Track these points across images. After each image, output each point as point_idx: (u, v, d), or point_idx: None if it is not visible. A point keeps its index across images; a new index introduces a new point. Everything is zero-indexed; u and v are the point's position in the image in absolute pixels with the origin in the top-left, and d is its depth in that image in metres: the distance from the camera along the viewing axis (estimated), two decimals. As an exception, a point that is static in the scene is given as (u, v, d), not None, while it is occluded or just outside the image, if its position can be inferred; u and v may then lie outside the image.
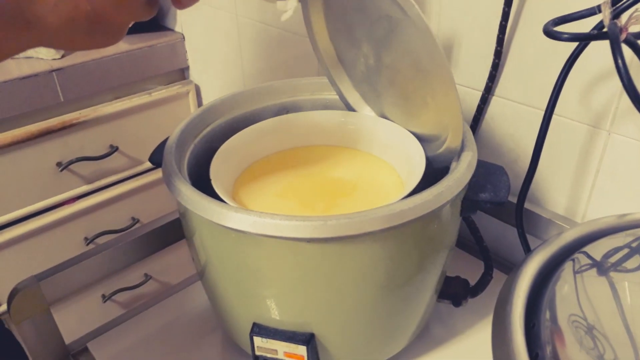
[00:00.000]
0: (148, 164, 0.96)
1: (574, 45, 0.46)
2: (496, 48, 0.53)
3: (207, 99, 1.06)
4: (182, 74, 1.05)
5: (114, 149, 0.96)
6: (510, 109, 0.56)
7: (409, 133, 0.47)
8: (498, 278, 0.49)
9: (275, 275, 0.39)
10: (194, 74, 1.05)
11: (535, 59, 0.52)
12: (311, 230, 0.34)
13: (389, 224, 0.35)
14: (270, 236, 0.35)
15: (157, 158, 0.46)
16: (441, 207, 0.37)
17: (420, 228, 0.38)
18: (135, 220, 1.06)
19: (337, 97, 0.52)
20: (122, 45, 0.94)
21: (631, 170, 0.49)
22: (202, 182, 0.44)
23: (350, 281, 0.39)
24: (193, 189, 0.39)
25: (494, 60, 0.54)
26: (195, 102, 1.05)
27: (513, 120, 0.56)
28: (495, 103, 0.57)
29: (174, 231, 0.55)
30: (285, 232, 0.35)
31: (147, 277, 1.07)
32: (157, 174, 1.05)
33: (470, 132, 0.44)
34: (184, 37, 1.01)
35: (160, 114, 1.01)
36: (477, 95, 0.58)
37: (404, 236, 0.38)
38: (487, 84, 0.56)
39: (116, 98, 0.96)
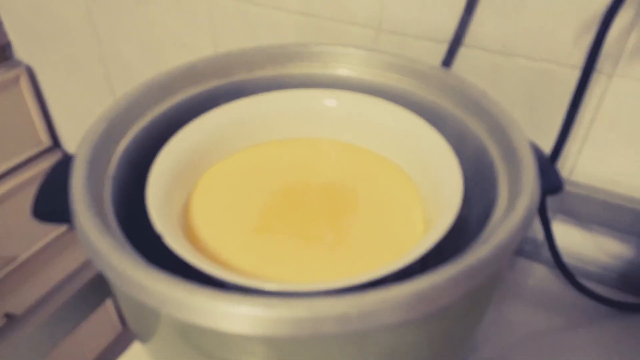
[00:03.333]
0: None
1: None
2: (473, -14, 0.44)
3: (49, 83, 0.82)
4: (2, 53, 0.80)
5: None
6: (487, 61, 0.48)
7: (423, 122, 0.36)
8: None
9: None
10: (22, 52, 0.80)
11: (520, -3, 0.44)
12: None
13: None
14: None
15: (49, 208, 0.30)
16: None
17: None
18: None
19: (316, 72, 0.39)
20: None
21: (634, 117, 0.45)
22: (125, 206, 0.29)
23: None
24: (144, 264, 0.24)
25: (467, 1, 0.45)
26: (30, 90, 0.81)
27: (491, 75, 0.49)
28: (466, 56, 0.49)
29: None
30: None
31: (10, 318, 0.84)
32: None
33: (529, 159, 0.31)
34: (-4, 3, 0.75)
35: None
36: (441, 49, 0.49)
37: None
38: (456, 33, 0.47)
39: None
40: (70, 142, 0.90)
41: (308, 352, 0.24)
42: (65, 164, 0.33)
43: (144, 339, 0.30)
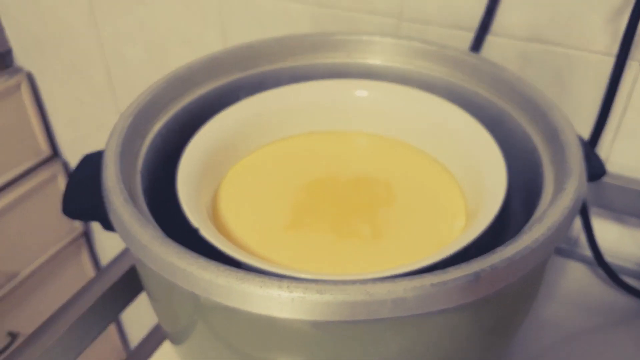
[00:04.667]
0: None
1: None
2: (499, -28, 0.45)
3: (49, 90, 0.83)
4: (2, 60, 0.80)
5: None
6: (515, 49, 0.49)
7: (460, 109, 0.37)
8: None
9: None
10: (22, 59, 0.81)
11: (549, -19, 0.45)
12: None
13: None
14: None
15: (79, 204, 0.30)
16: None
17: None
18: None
19: (344, 61, 0.39)
20: None
21: (669, 103, 0.46)
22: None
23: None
24: (189, 252, 0.24)
25: (494, -12, 0.46)
26: (31, 97, 0.81)
27: (518, 63, 0.49)
28: (493, 44, 0.49)
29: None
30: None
31: (14, 336, 0.84)
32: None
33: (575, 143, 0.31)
34: (-5, 7, 0.76)
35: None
36: (466, 37, 0.50)
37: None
38: (483, 19, 0.48)
39: None
40: (70, 150, 0.90)
41: (360, 338, 0.24)
42: (89, 161, 0.33)
43: (179, 339, 0.30)
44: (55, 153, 0.89)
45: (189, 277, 0.23)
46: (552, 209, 0.26)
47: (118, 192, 0.27)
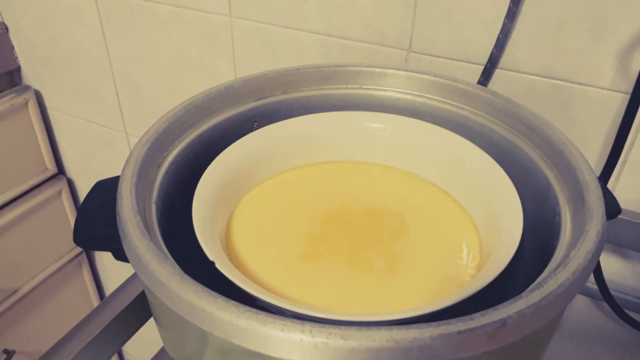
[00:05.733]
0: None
1: None
2: (510, 7, 0.45)
3: (56, 107, 0.82)
4: (11, 78, 0.79)
5: None
6: (522, 83, 0.48)
7: (473, 145, 0.36)
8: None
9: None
10: (30, 77, 0.80)
11: (557, 19, 0.44)
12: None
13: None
14: None
15: (92, 233, 0.29)
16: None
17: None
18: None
19: (357, 92, 0.39)
20: None
21: (675, 140, 0.45)
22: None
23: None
24: (208, 291, 0.23)
25: (504, 23, 0.46)
26: (38, 115, 0.80)
27: (525, 96, 0.49)
28: (501, 78, 0.49)
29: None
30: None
31: (10, 354, 0.82)
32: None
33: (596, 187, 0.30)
34: (7, 28, 0.75)
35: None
36: (474, 69, 0.49)
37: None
38: (492, 54, 0.47)
39: None
40: (75, 169, 0.89)
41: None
42: (101, 188, 0.32)
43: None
44: (60, 171, 0.88)
45: (207, 317, 0.22)
46: (576, 253, 0.25)
47: (134, 225, 0.25)
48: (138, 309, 0.39)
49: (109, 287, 1.02)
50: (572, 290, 0.24)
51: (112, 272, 0.98)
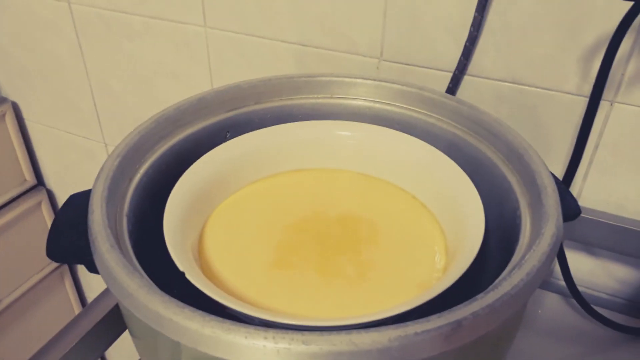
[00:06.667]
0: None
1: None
2: (475, 16, 0.46)
3: (34, 118, 0.82)
4: (-13, 90, 0.79)
5: None
6: (490, 89, 0.50)
7: (438, 151, 0.37)
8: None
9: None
10: (7, 88, 0.80)
11: (522, 27, 0.46)
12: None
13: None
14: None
15: (64, 247, 0.29)
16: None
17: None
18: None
19: (328, 101, 0.40)
20: None
21: (636, 142, 0.47)
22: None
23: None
24: (175, 301, 0.23)
25: (471, 31, 0.47)
26: (15, 127, 0.80)
27: (493, 102, 0.50)
28: (469, 84, 0.50)
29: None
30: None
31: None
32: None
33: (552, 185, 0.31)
34: (-18, 39, 0.75)
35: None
36: (444, 77, 0.51)
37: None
38: (460, 61, 0.49)
39: None
40: (54, 180, 0.89)
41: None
42: (74, 202, 0.33)
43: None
44: (39, 182, 0.88)
45: (174, 327, 0.23)
46: (531, 255, 0.26)
47: (104, 238, 0.26)
48: (117, 317, 0.39)
49: (92, 298, 1.02)
50: (527, 291, 0.25)
51: (94, 283, 0.98)
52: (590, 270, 0.55)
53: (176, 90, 0.67)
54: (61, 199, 0.90)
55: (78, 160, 0.82)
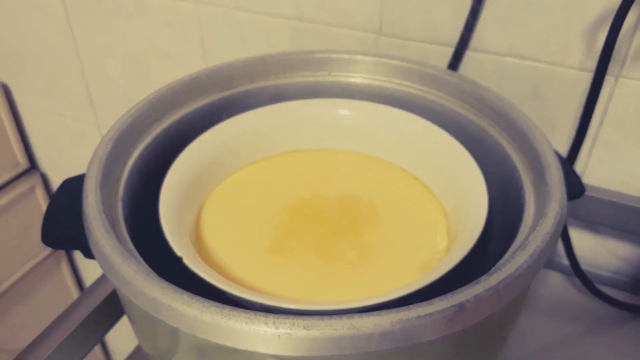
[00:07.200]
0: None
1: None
2: (477, -10, 0.45)
3: (26, 101, 0.81)
4: (-24, 72, 0.78)
5: None
6: (493, 64, 0.49)
7: (440, 129, 0.37)
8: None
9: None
10: (-3, 70, 0.79)
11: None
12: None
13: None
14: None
15: (59, 233, 0.29)
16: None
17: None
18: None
19: (326, 79, 0.39)
20: None
21: (642, 117, 0.46)
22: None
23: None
24: (173, 287, 0.23)
25: (472, 4, 0.46)
26: (7, 109, 0.79)
27: (496, 77, 0.50)
28: (472, 59, 0.50)
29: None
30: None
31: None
32: None
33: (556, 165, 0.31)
34: (-30, 19, 0.74)
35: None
36: (445, 52, 0.50)
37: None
38: (462, 36, 0.48)
39: None
40: (48, 163, 0.88)
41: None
42: (68, 187, 0.33)
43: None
44: (33, 166, 0.87)
45: (173, 313, 0.22)
46: (534, 235, 0.26)
47: (99, 223, 0.26)
48: (115, 302, 0.39)
49: (90, 281, 1.02)
50: (531, 273, 0.25)
51: (92, 266, 0.98)
52: (593, 248, 0.55)
53: (169, 70, 0.66)
54: (55, 182, 0.90)
55: (71, 142, 0.81)
